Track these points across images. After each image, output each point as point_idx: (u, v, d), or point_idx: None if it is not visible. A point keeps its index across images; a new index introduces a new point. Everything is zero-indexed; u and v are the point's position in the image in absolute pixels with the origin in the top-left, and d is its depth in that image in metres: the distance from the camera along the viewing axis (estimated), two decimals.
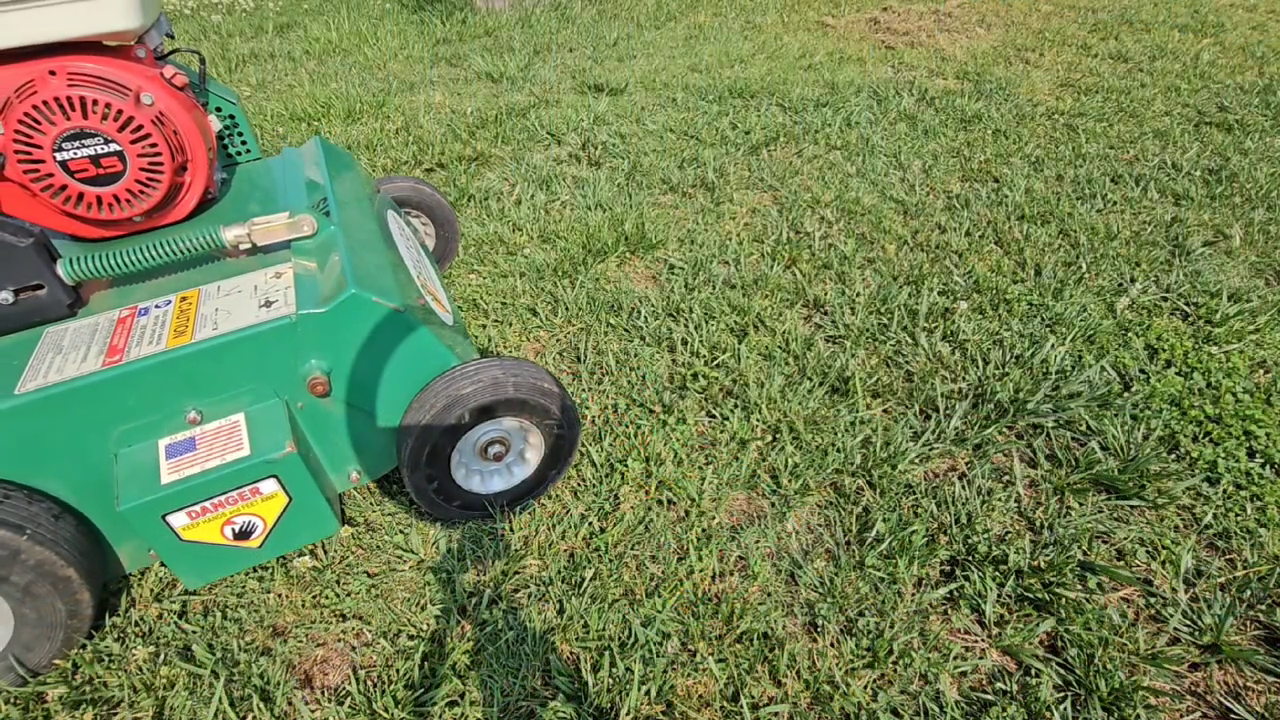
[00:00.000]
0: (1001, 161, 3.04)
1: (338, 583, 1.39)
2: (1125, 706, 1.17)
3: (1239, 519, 1.48)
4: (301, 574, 1.40)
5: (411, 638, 1.30)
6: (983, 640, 1.30)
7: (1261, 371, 1.86)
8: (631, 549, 1.44)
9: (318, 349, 1.25)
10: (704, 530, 1.48)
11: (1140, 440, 1.65)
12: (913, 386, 1.83)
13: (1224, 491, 1.54)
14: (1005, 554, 1.40)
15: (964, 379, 1.85)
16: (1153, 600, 1.35)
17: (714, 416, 1.76)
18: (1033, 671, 1.24)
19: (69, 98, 1.18)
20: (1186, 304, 2.13)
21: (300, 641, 1.30)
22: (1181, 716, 1.18)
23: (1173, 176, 2.86)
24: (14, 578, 1.11)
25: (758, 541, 1.47)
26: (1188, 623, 1.31)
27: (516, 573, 1.40)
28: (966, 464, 1.64)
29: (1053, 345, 1.93)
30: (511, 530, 1.48)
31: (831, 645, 1.28)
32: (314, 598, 1.36)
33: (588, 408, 1.79)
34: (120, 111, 1.22)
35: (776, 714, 1.18)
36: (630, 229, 2.47)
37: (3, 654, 1.18)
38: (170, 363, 1.15)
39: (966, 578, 1.38)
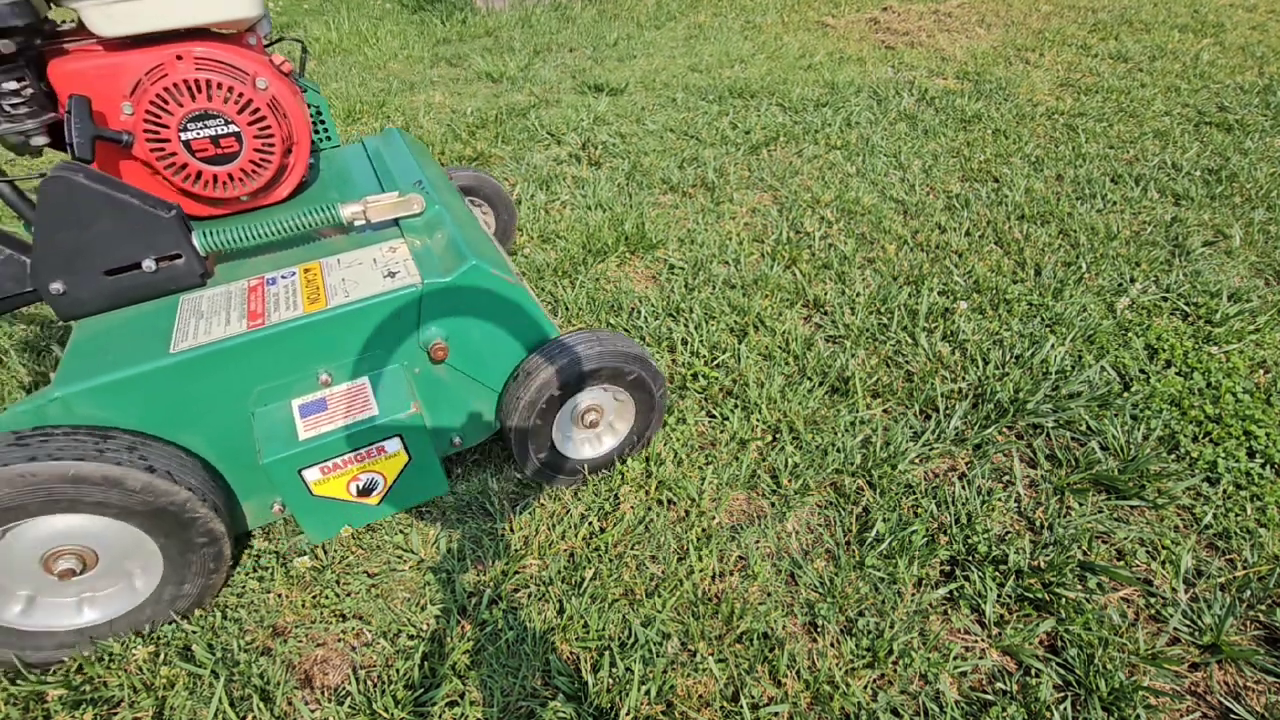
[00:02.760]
0: (1001, 161, 3.04)
1: (338, 583, 1.39)
2: (1125, 706, 1.17)
3: (1239, 519, 1.48)
4: (301, 574, 1.40)
5: (411, 638, 1.30)
6: (983, 640, 1.30)
7: (1261, 371, 1.86)
8: (631, 549, 1.44)
9: (438, 317, 1.33)
10: (704, 530, 1.48)
11: (1140, 440, 1.65)
12: (913, 386, 1.83)
13: (1224, 491, 1.54)
14: (1005, 554, 1.40)
15: (964, 379, 1.85)
16: (1153, 600, 1.35)
17: (714, 416, 1.76)
18: (1033, 671, 1.24)
19: (196, 80, 1.25)
20: (1186, 304, 2.13)
21: (300, 641, 1.30)
22: (1181, 716, 1.18)
23: (1173, 176, 2.86)
24: (175, 529, 1.18)
25: (758, 541, 1.47)
26: (1188, 623, 1.31)
27: (516, 573, 1.40)
28: (966, 464, 1.64)
29: (1053, 345, 1.93)
30: (511, 530, 1.48)
31: (831, 645, 1.28)
32: (314, 598, 1.36)
33: None
34: (241, 95, 1.29)
35: (776, 714, 1.18)
36: (630, 229, 2.47)
37: (152, 599, 1.25)
38: (309, 326, 1.22)
39: (966, 578, 1.38)
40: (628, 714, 1.16)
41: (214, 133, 1.30)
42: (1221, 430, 1.67)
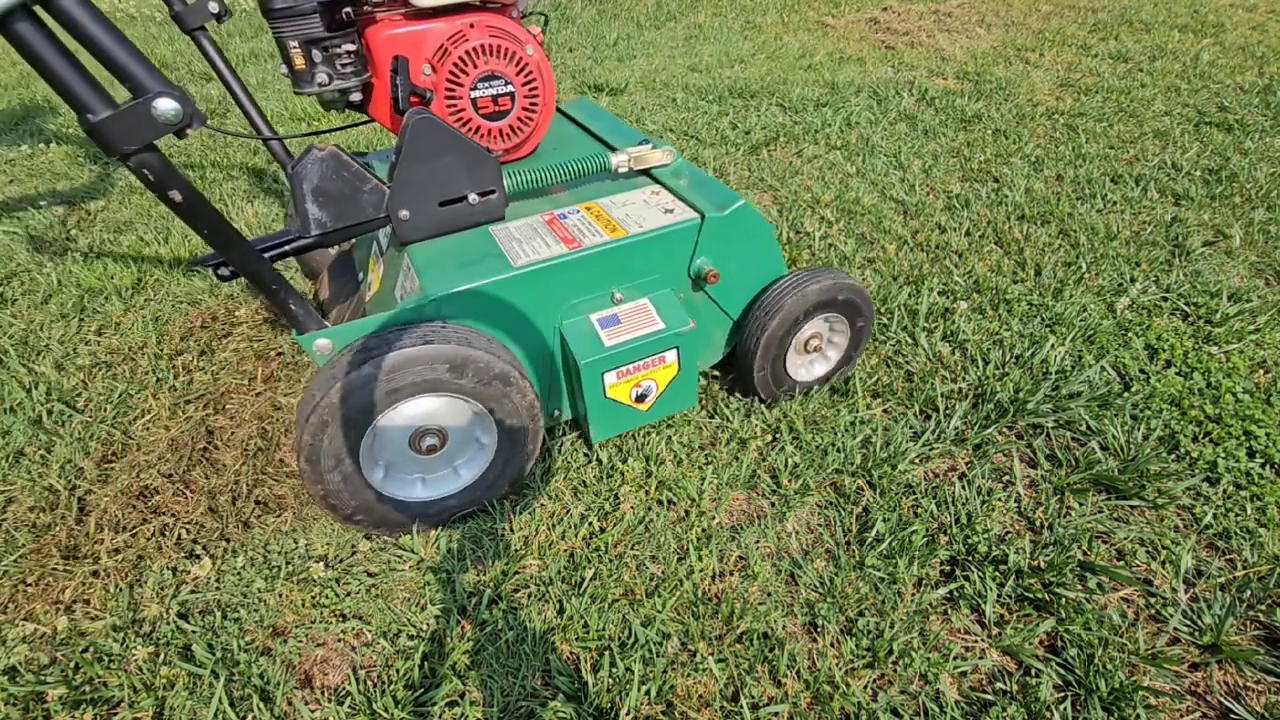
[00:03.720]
0: (1001, 161, 3.04)
1: (338, 583, 1.39)
2: (1125, 706, 1.17)
3: (1239, 519, 1.48)
4: (316, 579, 1.40)
5: (411, 638, 1.30)
6: (983, 640, 1.30)
7: (1261, 371, 1.86)
8: (631, 549, 1.44)
9: (708, 247, 1.51)
10: (704, 530, 1.48)
11: (1140, 440, 1.65)
12: (913, 386, 1.83)
13: (1224, 491, 1.54)
14: (1005, 554, 1.40)
15: (964, 379, 1.85)
16: (1153, 600, 1.35)
17: (714, 416, 1.76)
18: (1033, 671, 1.24)
19: (488, 45, 1.43)
20: (1186, 304, 2.13)
21: (300, 641, 1.30)
22: (1181, 716, 1.18)
23: (1173, 176, 2.86)
24: (513, 412, 1.36)
25: (758, 541, 1.47)
26: (1188, 623, 1.31)
27: (516, 573, 1.40)
28: (966, 464, 1.64)
29: (1053, 345, 1.93)
30: (511, 530, 1.48)
31: (831, 645, 1.28)
32: (314, 598, 1.36)
33: None
34: (519, 59, 1.48)
35: (776, 714, 1.18)
36: None
37: (491, 469, 1.44)
38: (618, 249, 1.42)
39: (966, 578, 1.38)
40: (628, 714, 1.16)
41: (495, 92, 1.49)
42: (1221, 430, 1.67)
